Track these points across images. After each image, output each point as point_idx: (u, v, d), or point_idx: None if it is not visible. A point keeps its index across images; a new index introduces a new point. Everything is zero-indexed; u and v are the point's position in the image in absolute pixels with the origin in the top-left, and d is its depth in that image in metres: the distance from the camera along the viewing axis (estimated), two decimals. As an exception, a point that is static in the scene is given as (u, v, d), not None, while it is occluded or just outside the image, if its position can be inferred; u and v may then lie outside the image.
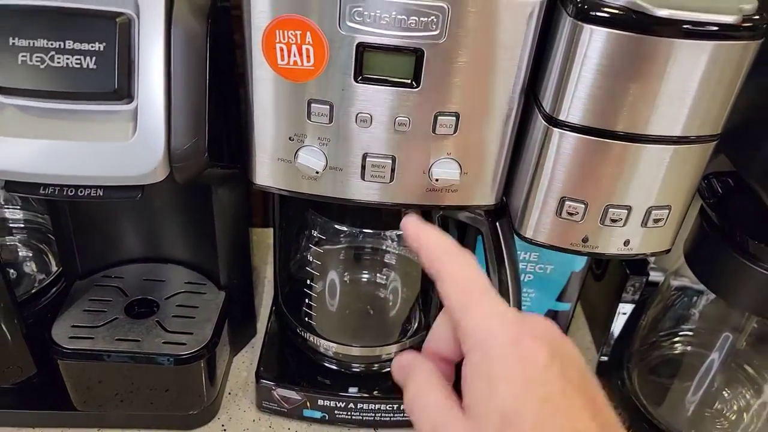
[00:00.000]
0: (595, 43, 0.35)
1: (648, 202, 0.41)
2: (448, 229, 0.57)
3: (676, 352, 0.66)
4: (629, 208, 0.41)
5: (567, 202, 0.41)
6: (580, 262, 0.62)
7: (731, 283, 0.51)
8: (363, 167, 0.43)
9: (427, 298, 0.61)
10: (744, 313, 0.58)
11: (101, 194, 0.40)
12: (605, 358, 0.69)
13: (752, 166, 0.46)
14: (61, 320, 0.56)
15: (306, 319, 0.59)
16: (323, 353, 0.60)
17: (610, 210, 0.41)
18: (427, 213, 0.55)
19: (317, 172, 0.43)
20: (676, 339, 0.66)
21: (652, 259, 0.65)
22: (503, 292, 0.53)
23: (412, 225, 0.32)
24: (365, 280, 0.60)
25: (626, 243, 0.43)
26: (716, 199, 0.53)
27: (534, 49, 0.40)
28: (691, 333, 0.65)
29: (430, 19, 0.37)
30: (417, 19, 0.37)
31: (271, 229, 0.71)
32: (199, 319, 0.57)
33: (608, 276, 0.70)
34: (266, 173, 0.45)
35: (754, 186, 0.46)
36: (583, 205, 0.41)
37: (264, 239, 0.81)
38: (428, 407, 0.28)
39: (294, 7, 0.38)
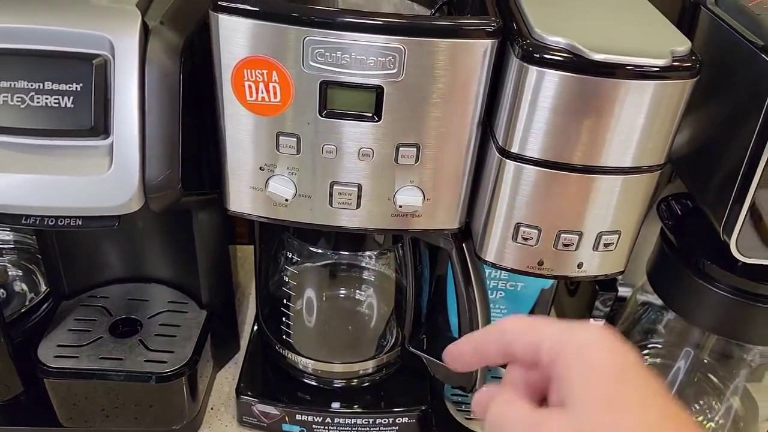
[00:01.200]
0: (539, 82, 0.38)
1: (598, 227, 0.43)
2: (419, 249, 0.60)
3: (646, 364, 0.68)
4: (580, 234, 0.43)
5: (522, 228, 0.43)
6: (549, 280, 0.64)
7: (690, 302, 0.54)
8: (331, 195, 0.46)
9: (401, 312, 0.63)
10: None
11: (80, 224, 0.43)
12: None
13: (703, 192, 0.48)
14: (47, 340, 0.58)
15: (285, 337, 0.61)
16: (302, 370, 0.62)
17: (562, 235, 0.43)
18: (397, 235, 0.57)
19: (287, 200, 0.45)
20: (645, 352, 0.68)
21: (619, 274, 0.67)
22: (472, 309, 0.56)
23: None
24: (342, 296, 0.62)
25: (580, 266, 0.45)
26: (674, 221, 0.55)
27: (488, 85, 0.42)
28: (659, 346, 0.67)
29: (387, 59, 0.40)
30: (376, 59, 0.40)
31: (255, 247, 0.73)
32: (180, 338, 0.59)
33: (580, 291, 0.73)
34: (240, 200, 0.47)
35: (705, 210, 0.48)
36: (536, 231, 0.43)
37: (248, 256, 0.83)
38: (516, 415, 0.27)
39: (260, 49, 0.40)
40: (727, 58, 0.45)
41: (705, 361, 0.63)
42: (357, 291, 0.61)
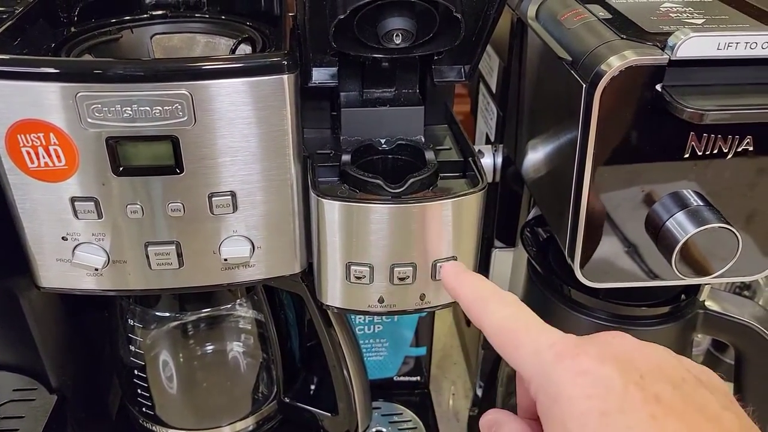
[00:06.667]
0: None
1: (431, 256, 0.41)
2: (279, 293, 0.56)
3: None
4: (414, 265, 0.41)
5: (352, 267, 0.41)
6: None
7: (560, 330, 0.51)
8: (147, 257, 0.42)
9: (269, 364, 0.59)
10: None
11: None
12: (474, 413, 0.69)
13: (550, 216, 0.47)
14: None
15: (148, 410, 0.56)
16: (176, 442, 0.58)
17: (395, 269, 0.41)
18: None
19: (96, 269, 0.41)
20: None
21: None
22: (338, 352, 0.53)
23: (450, 278, 0.32)
24: (201, 356, 0.57)
25: (422, 297, 0.43)
26: (538, 246, 0.53)
27: (298, 118, 0.40)
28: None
29: (175, 107, 0.37)
30: (161, 108, 0.37)
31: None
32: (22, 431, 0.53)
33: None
34: (50, 275, 0.43)
35: (554, 235, 0.46)
36: (368, 268, 0.41)
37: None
38: None
39: (29, 110, 0.36)
40: (549, 74, 0.44)
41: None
42: (217, 348, 0.57)
